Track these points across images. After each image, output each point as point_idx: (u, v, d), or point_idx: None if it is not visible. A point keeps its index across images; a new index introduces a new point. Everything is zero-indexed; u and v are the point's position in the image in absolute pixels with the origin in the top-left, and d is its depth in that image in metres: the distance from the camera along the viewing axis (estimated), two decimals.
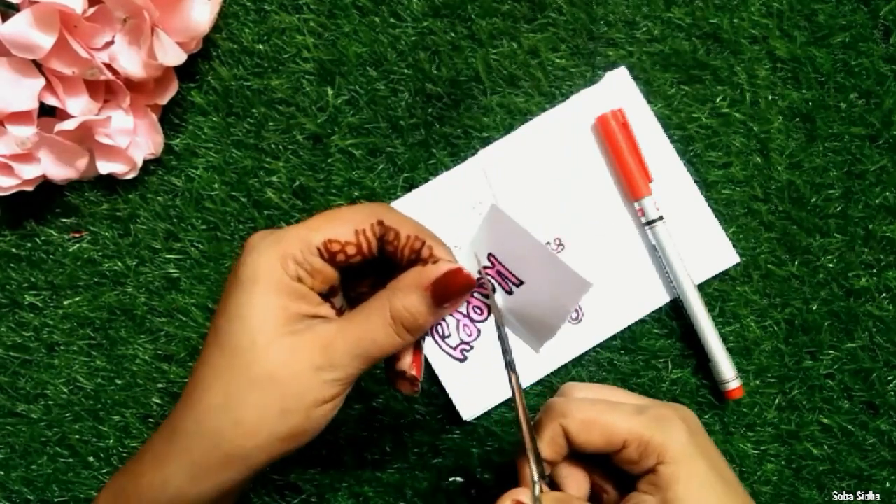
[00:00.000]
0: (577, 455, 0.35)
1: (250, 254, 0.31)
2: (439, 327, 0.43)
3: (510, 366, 0.34)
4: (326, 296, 0.33)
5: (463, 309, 0.44)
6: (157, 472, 0.32)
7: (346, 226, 0.32)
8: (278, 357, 0.30)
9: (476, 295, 0.43)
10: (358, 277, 0.36)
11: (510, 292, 0.36)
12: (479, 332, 0.44)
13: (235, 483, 0.31)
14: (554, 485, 0.36)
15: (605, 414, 0.34)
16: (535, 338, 0.36)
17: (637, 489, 0.34)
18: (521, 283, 0.36)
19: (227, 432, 0.30)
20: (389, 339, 0.32)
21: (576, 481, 0.36)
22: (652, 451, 0.33)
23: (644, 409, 0.35)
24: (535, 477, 0.33)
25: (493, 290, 0.36)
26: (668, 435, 0.33)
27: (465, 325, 0.43)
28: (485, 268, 0.36)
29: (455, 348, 0.43)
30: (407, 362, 0.34)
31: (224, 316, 0.31)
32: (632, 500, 0.34)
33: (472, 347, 0.43)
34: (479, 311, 0.44)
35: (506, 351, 0.34)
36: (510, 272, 0.36)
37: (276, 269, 0.31)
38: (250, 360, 0.30)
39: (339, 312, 0.34)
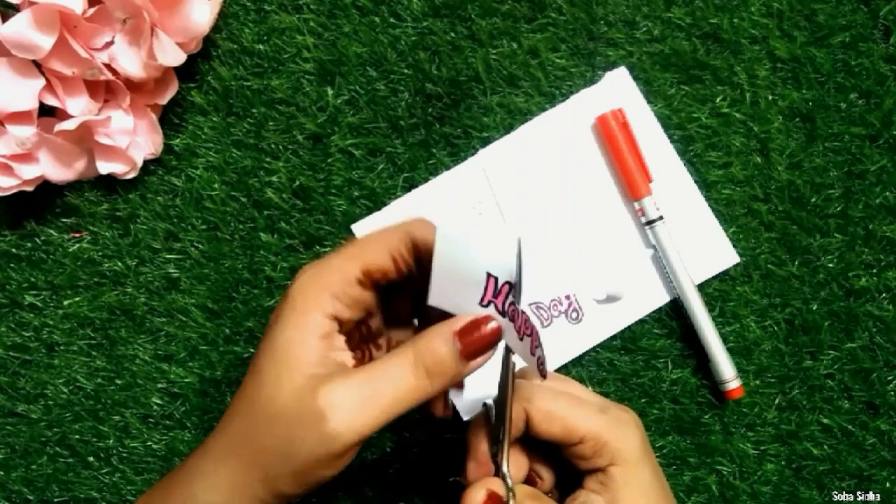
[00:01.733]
0: (522, 439, 0.35)
1: (295, 284, 0.32)
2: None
3: (508, 348, 0.33)
4: (361, 322, 0.33)
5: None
6: (185, 489, 0.32)
7: (381, 250, 0.32)
8: (291, 398, 0.30)
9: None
10: (398, 293, 0.36)
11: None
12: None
13: None
14: (494, 464, 0.36)
15: (569, 408, 0.34)
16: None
17: (584, 486, 0.35)
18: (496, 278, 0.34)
19: (244, 461, 0.31)
20: (410, 390, 0.30)
21: (515, 465, 0.36)
22: (607, 452, 0.34)
23: (605, 409, 0.35)
24: (505, 468, 0.33)
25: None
26: (625, 439, 0.34)
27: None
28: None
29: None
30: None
31: (263, 344, 0.32)
32: (579, 497, 0.35)
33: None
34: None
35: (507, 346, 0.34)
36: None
37: (314, 305, 0.31)
38: (271, 395, 0.31)
39: (375, 335, 0.35)
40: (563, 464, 0.36)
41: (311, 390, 0.30)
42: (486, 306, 0.31)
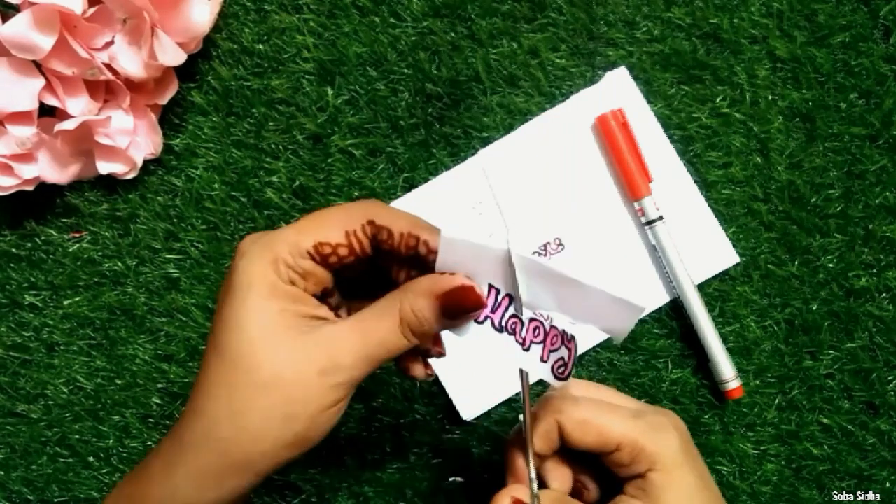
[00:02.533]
0: (564, 450, 0.35)
1: (241, 259, 0.31)
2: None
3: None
4: (321, 298, 0.32)
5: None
6: (165, 481, 0.31)
7: (335, 228, 0.31)
8: (281, 361, 0.30)
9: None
10: (361, 273, 0.35)
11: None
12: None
13: (243, 490, 0.31)
14: (539, 478, 0.36)
15: (602, 415, 0.34)
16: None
17: (624, 492, 0.34)
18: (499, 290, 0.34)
19: (234, 440, 0.30)
20: (396, 341, 0.31)
21: (560, 477, 0.36)
22: (644, 458, 0.33)
23: (640, 413, 0.35)
24: (532, 474, 0.33)
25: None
26: (662, 443, 0.34)
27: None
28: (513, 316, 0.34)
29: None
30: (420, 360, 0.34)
31: (221, 324, 0.31)
32: (620, 503, 0.34)
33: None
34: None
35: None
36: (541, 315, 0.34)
37: (269, 274, 0.30)
38: (251, 366, 0.30)
39: (336, 312, 0.34)
40: (607, 471, 0.35)
41: (303, 351, 0.30)
42: (482, 323, 0.31)
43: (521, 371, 0.33)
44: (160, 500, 0.31)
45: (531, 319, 0.32)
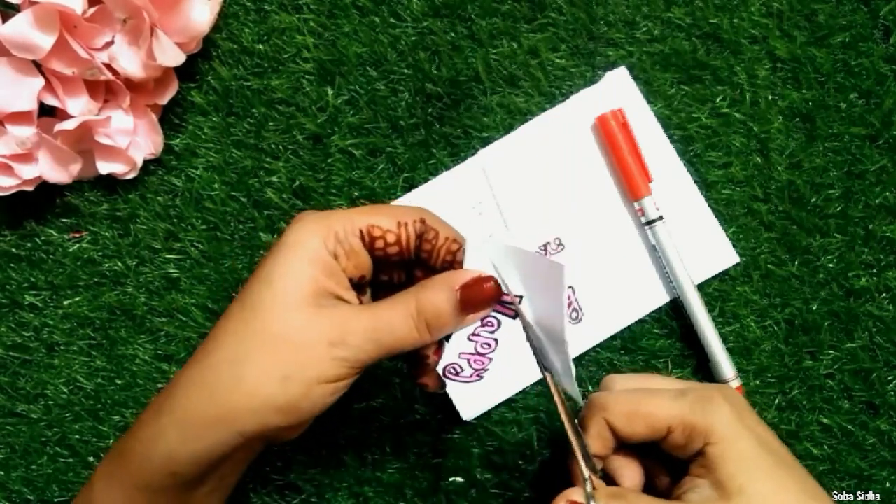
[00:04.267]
0: (628, 445, 0.35)
1: (295, 223, 0.32)
2: (452, 368, 0.43)
3: (543, 366, 0.33)
4: (356, 285, 0.33)
5: (471, 348, 0.43)
6: (152, 427, 0.31)
7: (389, 216, 0.33)
8: (295, 322, 0.30)
9: (482, 333, 0.43)
10: (394, 282, 0.36)
11: (515, 315, 0.36)
12: (490, 359, 0.44)
13: (225, 449, 0.31)
14: (609, 478, 0.36)
15: (645, 403, 0.34)
16: (555, 352, 0.35)
17: (689, 473, 0.34)
18: (521, 297, 0.35)
19: (225, 386, 0.30)
20: (408, 332, 0.32)
21: (630, 472, 0.35)
22: (698, 434, 0.33)
23: (685, 392, 0.34)
24: (586, 474, 0.32)
25: (518, 306, 0.35)
26: (713, 416, 0.33)
27: (476, 359, 0.44)
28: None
29: (470, 377, 0.44)
30: (431, 362, 0.35)
31: (255, 276, 0.31)
32: (685, 485, 0.33)
33: (487, 370, 0.44)
34: (486, 347, 0.44)
35: (537, 354, 0.34)
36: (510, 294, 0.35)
37: (316, 242, 0.31)
38: (268, 319, 0.30)
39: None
40: (675, 460, 0.35)
41: (318, 319, 0.30)
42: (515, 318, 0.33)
43: (546, 375, 0.33)
44: (145, 448, 0.31)
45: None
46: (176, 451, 0.31)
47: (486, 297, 0.32)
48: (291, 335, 0.30)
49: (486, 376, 0.43)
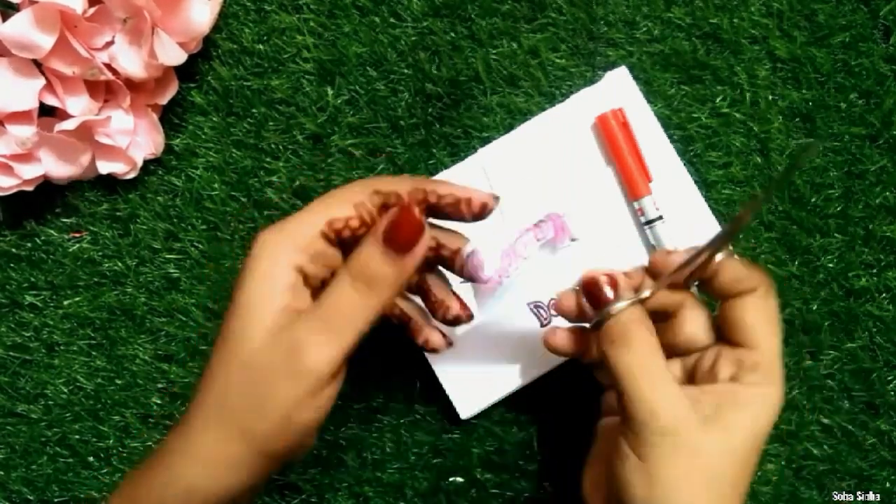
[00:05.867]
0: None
1: (256, 245, 0.32)
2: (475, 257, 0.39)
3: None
4: (326, 282, 0.33)
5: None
6: (170, 467, 0.31)
7: (343, 202, 0.32)
8: (259, 349, 0.30)
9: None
10: None
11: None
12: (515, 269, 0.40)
13: (241, 485, 0.31)
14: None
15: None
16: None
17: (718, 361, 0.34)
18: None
19: (224, 425, 0.30)
20: (353, 302, 0.31)
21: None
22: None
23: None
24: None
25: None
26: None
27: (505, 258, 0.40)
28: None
29: (490, 278, 0.38)
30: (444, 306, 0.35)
31: (228, 308, 0.32)
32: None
33: (509, 277, 0.39)
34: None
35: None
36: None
37: (276, 261, 0.31)
38: (240, 351, 0.31)
39: None
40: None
41: (278, 335, 0.30)
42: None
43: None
44: (164, 488, 0.31)
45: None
46: (195, 487, 0.31)
47: (407, 229, 0.31)
48: (257, 362, 0.30)
49: (505, 283, 0.39)
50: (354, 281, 0.31)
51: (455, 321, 0.36)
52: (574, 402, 0.45)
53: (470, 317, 0.36)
